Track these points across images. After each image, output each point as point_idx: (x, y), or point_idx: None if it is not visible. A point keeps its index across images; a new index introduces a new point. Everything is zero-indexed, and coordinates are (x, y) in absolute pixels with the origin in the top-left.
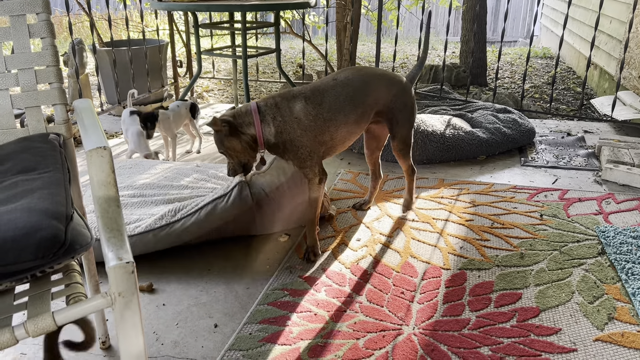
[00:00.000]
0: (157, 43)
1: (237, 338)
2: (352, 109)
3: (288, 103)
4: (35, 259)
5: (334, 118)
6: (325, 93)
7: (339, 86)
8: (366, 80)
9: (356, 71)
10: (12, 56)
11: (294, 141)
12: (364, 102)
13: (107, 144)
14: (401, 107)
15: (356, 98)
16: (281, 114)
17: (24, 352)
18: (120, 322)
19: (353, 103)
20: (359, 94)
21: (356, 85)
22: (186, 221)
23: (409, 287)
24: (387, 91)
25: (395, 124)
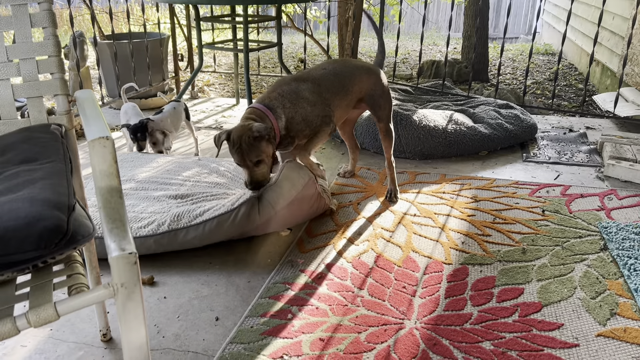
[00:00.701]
0: (158, 36)
1: (239, 331)
2: (343, 95)
3: (291, 88)
4: (37, 249)
5: (332, 100)
6: (320, 79)
7: (331, 75)
8: (352, 71)
9: (341, 63)
10: (13, 46)
11: (307, 117)
12: (351, 90)
13: (110, 134)
14: (380, 92)
15: (346, 86)
16: (289, 100)
17: (24, 344)
18: (122, 314)
19: (344, 91)
20: (348, 83)
21: (345, 75)
22: (188, 232)
23: (410, 281)
24: (368, 80)
25: (379, 108)
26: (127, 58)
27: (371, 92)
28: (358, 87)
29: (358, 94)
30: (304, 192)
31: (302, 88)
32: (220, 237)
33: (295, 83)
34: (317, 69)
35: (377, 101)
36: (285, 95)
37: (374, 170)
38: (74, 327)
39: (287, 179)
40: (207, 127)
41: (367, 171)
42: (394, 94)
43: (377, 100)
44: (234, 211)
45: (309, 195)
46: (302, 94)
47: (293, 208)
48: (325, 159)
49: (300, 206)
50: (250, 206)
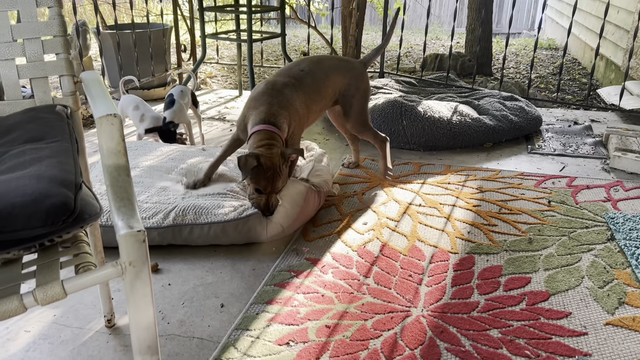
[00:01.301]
0: (161, 27)
1: (244, 318)
2: (320, 98)
3: (286, 97)
4: (45, 226)
5: (309, 106)
6: (302, 81)
7: (309, 77)
8: (327, 72)
9: (317, 62)
10: (18, 25)
11: (297, 129)
12: (327, 93)
13: (117, 112)
14: (354, 92)
15: (321, 89)
16: (287, 111)
17: (28, 329)
18: (130, 293)
19: (319, 94)
20: (322, 86)
21: (320, 77)
22: (193, 230)
23: (416, 270)
24: (342, 79)
25: (349, 108)
26: (130, 48)
27: (344, 91)
28: (332, 89)
29: (332, 95)
30: (306, 204)
31: (295, 97)
32: (224, 241)
33: (288, 91)
34: (295, 70)
35: (348, 101)
36: (284, 107)
37: (378, 161)
38: (78, 313)
39: (289, 198)
40: (210, 117)
41: (372, 162)
42: (398, 86)
43: (349, 100)
44: (241, 221)
45: (311, 202)
46: (295, 105)
47: (298, 220)
48: (329, 149)
49: (305, 213)
50: (258, 222)
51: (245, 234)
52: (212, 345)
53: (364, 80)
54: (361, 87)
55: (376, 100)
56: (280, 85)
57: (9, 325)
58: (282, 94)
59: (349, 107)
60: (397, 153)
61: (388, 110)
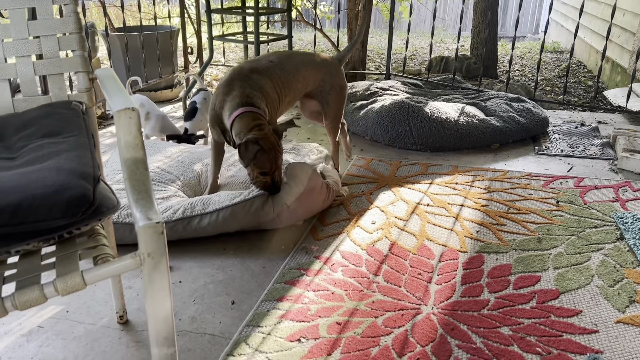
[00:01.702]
0: (168, 29)
1: (255, 314)
2: (287, 91)
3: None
4: (65, 217)
5: (278, 93)
6: (269, 71)
7: (277, 68)
8: (297, 66)
9: (287, 56)
10: (34, 22)
11: (271, 114)
12: (296, 86)
13: (135, 105)
14: (329, 89)
15: (290, 82)
16: (262, 93)
17: (41, 325)
18: (148, 284)
19: (288, 86)
20: (292, 79)
21: (289, 70)
22: (202, 219)
23: (426, 268)
24: (315, 75)
25: (326, 105)
26: (138, 50)
27: (319, 87)
28: (302, 83)
29: (302, 89)
30: (310, 185)
31: (263, 83)
32: (234, 226)
33: (256, 75)
34: (264, 61)
35: (324, 97)
36: (257, 89)
37: (385, 162)
38: (90, 310)
39: (292, 176)
40: None
41: (379, 162)
42: (404, 87)
43: (325, 96)
44: (248, 202)
45: (316, 187)
46: (265, 88)
47: (304, 201)
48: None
49: (310, 198)
50: (265, 200)
51: (254, 215)
52: (223, 341)
53: (338, 77)
54: (336, 84)
55: (383, 101)
56: (247, 70)
57: (22, 321)
58: (251, 78)
59: (325, 104)
60: (404, 154)
61: (395, 111)
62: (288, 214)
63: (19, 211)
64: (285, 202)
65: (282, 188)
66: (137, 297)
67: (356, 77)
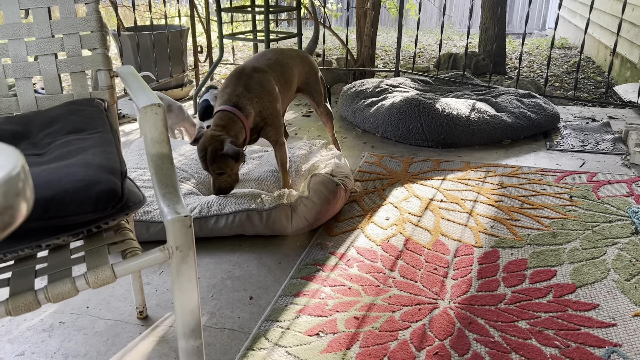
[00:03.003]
0: (178, 29)
1: (273, 309)
2: (289, 85)
3: (254, 80)
4: (95, 211)
5: (282, 89)
6: (272, 67)
7: (278, 65)
8: (293, 61)
9: (280, 53)
10: (57, 21)
11: (271, 113)
12: (292, 80)
13: (160, 101)
14: (315, 78)
15: (289, 77)
16: (255, 94)
17: (62, 320)
18: (176, 277)
19: (289, 81)
20: (289, 73)
21: (286, 65)
22: (219, 220)
23: (441, 263)
24: (303, 68)
25: (316, 94)
26: (148, 49)
27: (307, 79)
28: (297, 77)
29: (297, 84)
30: (335, 201)
31: (265, 80)
32: (249, 230)
33: (258, 74)
34: (262, 59)
35: (313, 87)
36: (251, 89)
37: (397, 158)
38: (110, 306)
39: (317, 193)
40: None
41: (391, 159)
42: (414, 84)
43: (313, 86)
44: (265, 212)
45: (339, 200)
46: (266, 87)
47: (324, 214)
48: (347, 147)
49: (331, 210)
50: (283, 214)
51: (270, 227)
52: (242, 336)
53: (315, 66)
54: (318, 74)
55: (393, 98)
56: (249, 69)
57: (43, 317)
58: (251, 77)
59: (315, 93)
60: (416, 150)
61: (406, 108)
62: (306, 225)
63: (51, 206)
64: (305, 217)
65: (304, 204)
66: (156, 293)
67: (365, 75)
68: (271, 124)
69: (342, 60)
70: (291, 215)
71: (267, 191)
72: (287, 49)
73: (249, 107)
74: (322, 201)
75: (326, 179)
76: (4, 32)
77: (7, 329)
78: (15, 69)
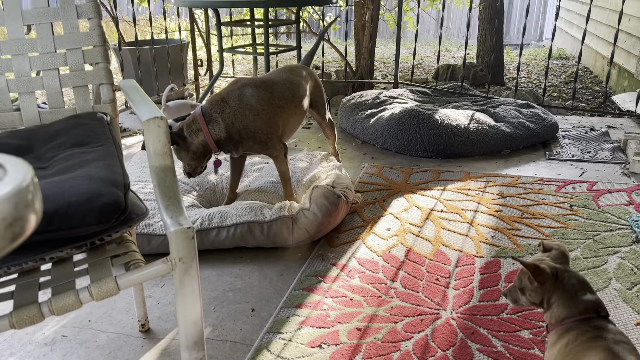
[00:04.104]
0: (178, 42)
1: (275, 321)
2: (299, 102)
3: (236, 93)
4: (99, 224)
5: (285, 106)
6: (274, 84)
7: (286, 82)
8: (300, 80)
9: (289, 71)
10: (60, 36)
11: (248, 127)
12: (303, 98)
13: (163, 115)
14: (320, 93)
15: (297, 95)
16: (229, 105)
17: (64, 334)
18: (179, 288)
19: (297, 99)
20: (299, 92)
21: (296, 84)
22: (220, 232)
23: (443, 273)
24: (310, 84)
25: (322, 107)
26: (149, 63)
27: (313, 95)
28: (306, 95)
29: (306, 100)
30: (337, 213)
31: (249, 94)
32: (251, 242)
33: (247, 88)
34: (271, 76)
35: (318, 101)
36: (227, 100)
37: (397, 169)
38: (112, 319)
39: (320, 206)
40: None
41: (391, 170)
42: (413, 96)
43: (318, 100)
44: (266, 224)
45: (340, 211)
46: (247, 101)
47: (325, 226)
48: (347, 159)
49: (332, 222)
50: (284, 226)
51: (272, 238)
52: (245, 348)
53: (318, 80)
54: (321, 87)
55: (392, 109)
56: (241, 83)
57: (45, 330)
58: (234, 91)
59: (321, 107)
60: (415, 161)
61: (405, 119)
62: (307, 237)
63: (55, 218)
64: (307, 229)
65: (306, 215)
66: (158, 306)
67: (364, 87)
68: (251, 138)
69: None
70: (292, 227)
71: (268, 202)
72: (295, 66)
73: (216, 115)
74: (323, 213)
75: (328, 191)
76: (8, 48)
77: (9, 343)
78: (19, 84)
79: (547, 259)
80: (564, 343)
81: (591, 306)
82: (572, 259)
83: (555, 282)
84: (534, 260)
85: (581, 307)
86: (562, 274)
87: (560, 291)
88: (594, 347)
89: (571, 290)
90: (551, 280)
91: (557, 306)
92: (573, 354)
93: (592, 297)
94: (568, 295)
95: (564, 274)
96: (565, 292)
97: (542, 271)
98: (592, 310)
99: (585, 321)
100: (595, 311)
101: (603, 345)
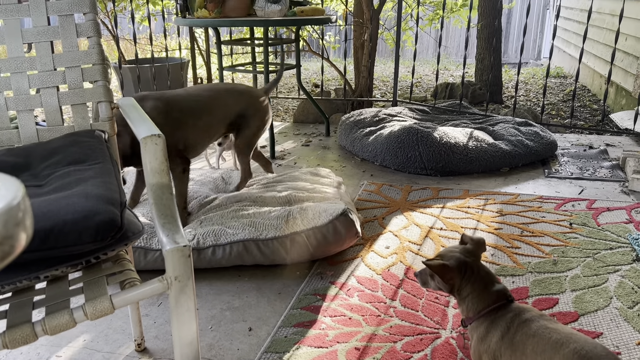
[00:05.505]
0: (178, 61)
1: (273, 341)
2: (205, 119)
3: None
4: (95, 242)
5: (186, 121)
6: (178, 99)
7: (192, 97)
8: (215, 96)
9: (207, 88)
10: (60, 55)
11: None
12: (212, 113)
13: (160, 132)
14: (250, 115)
15: (205, 110)
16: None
17: (59, 354)
18: (175, 308)
19: (203, 113)
20: (207, 109)
21: (206, 99)
22: (215, 251)
23: (442, 292)
24: (235, 105)
25: (243, 132)
26: (149, 82)
27: (238, 116)
28: (222, 111)
29: (223, 118)
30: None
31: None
32: (248, 260)
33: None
34: (180, 91)
35: (242, 123)
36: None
37: (396, 187)
38: (108, 338)
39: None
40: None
41: (390, 187)
42: (412, 114)
43: (242, 122)
44: (261, 242)
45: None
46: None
47: (332, 250)
48: (346, 176)
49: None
50: (281, 246)
51: (269, 256)
52: None
53: (261, 108)
54: (257, 114)
55: (392, 127)
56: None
57: (40, 351)
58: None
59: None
60: (415, 179)
61: (404, 136)
62: (308, 256)
63: (50, 236)
64: (312, 248)
65: (316, 236)
66: (155, 325)
67: (363, 105)
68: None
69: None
70: (290, 246)
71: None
72: (225, 85)
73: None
74: (336, 242)
75: (347, 221)
76: (7, 66)
77: None
78: (17, 102)
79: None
80: (497, 337)
81: (502, 294)
82: (572, 278)
83: (464, 276)
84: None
85: (494, 296)
86: (471, 269)
87: (472, 285)
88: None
89: (482, 283)
90: (459, 276)
91: (472, 299)
92: (516, 345)
93: (500, 286)
94: (480, 288)
95: (472, 268)
96: (477, 285)
97: (449, 269)
98: (503, 297)
99: (500, 308)
100: (505, 297)
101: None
